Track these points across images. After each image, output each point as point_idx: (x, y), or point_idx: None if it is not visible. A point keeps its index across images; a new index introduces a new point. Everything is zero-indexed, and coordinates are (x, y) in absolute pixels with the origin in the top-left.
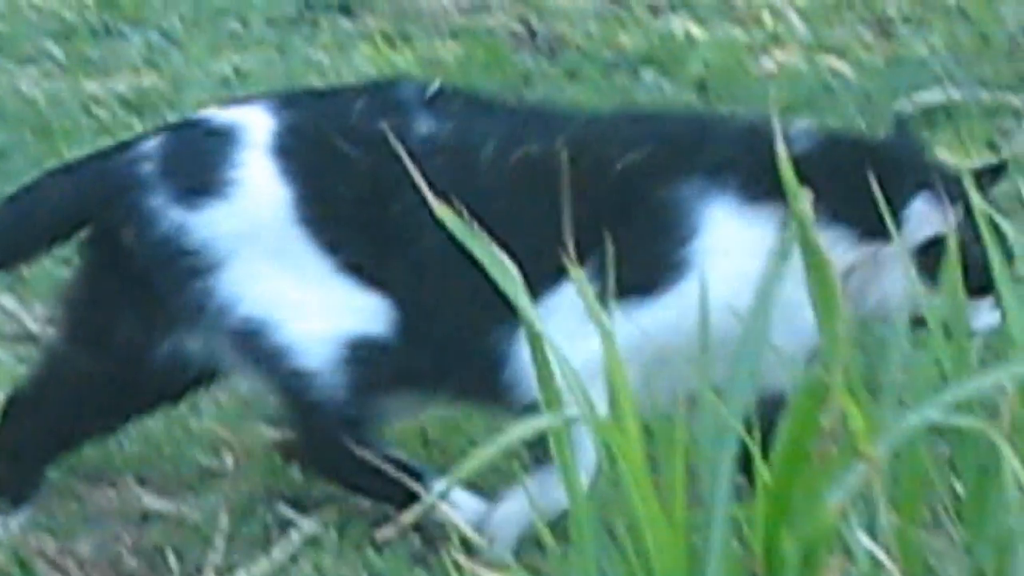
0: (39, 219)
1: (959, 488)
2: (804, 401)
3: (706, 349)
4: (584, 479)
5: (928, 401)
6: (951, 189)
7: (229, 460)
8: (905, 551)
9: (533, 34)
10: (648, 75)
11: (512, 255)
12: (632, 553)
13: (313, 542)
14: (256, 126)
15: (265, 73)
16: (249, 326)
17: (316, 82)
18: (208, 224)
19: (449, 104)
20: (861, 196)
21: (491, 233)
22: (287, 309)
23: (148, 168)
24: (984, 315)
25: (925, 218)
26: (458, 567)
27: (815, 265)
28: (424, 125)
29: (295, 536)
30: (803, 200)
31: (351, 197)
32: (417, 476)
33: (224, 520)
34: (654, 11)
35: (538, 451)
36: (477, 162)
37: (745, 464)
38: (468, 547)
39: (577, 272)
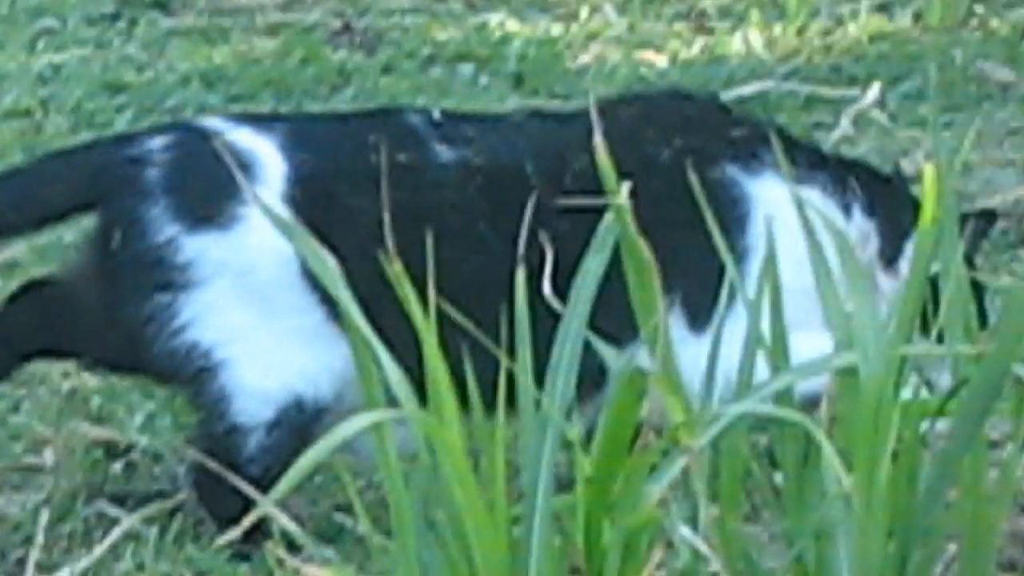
0: (34, 198)
1: (778, 480)
2: (624, 393)
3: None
4: None
5: (748, 393)
6: None
7: (49, 457)
8: (725, 541)
9: (350, 29)
10: (465, 69)
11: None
12: (454, 546)
13: (134, 538)
14: (271, 165)
15: (82, 70)
16: (198, 352)
17: (133, 78)
18: (201, 246)
19: (457, 127)
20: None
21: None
22: (243, 352)
23: (153, 174)
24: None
25: None
26: (280, 563)
27: (633, 257)
28: (444, 152)
29: (116, 532)
30: (621, 194)
31: (355, 249)
32: None
33: (45, 517)
34: (470, 6)
35: None
36: (519, 180)
37: None
38: (291, 544)
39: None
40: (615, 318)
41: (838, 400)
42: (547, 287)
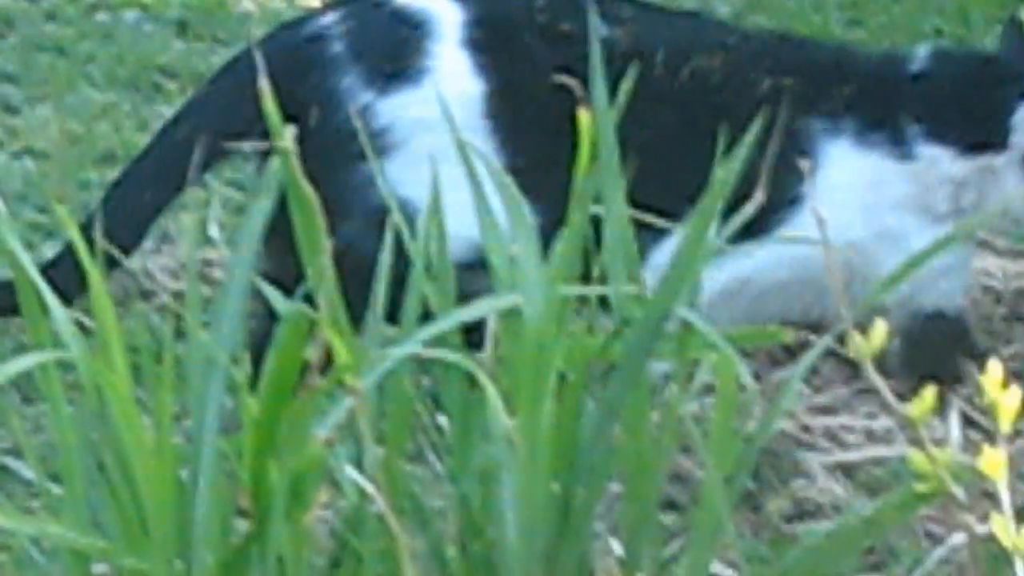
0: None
1: (443, 421)
2: (289, 333)
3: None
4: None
5: (411, 334)
6: None
7: None
8: (391, 482)
9: None
10: (129, 16)
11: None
12: (122, 489)
13: None
14: (447, 18)
15: None
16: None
17: None
18: (394, 108)
19: (618, 8)
20: (965, 110)
21: (649, 146)
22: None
23: (336, 48)
24: None
25: None
26: None
27: (297, 198)
28: (602, 29)
29: None
30: (286, 136)
31: (533, 98)
32: None
33: None
34: None
35: None
36: (648, 72)
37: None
38: None
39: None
40: None
41: (503, 342)
42: None
